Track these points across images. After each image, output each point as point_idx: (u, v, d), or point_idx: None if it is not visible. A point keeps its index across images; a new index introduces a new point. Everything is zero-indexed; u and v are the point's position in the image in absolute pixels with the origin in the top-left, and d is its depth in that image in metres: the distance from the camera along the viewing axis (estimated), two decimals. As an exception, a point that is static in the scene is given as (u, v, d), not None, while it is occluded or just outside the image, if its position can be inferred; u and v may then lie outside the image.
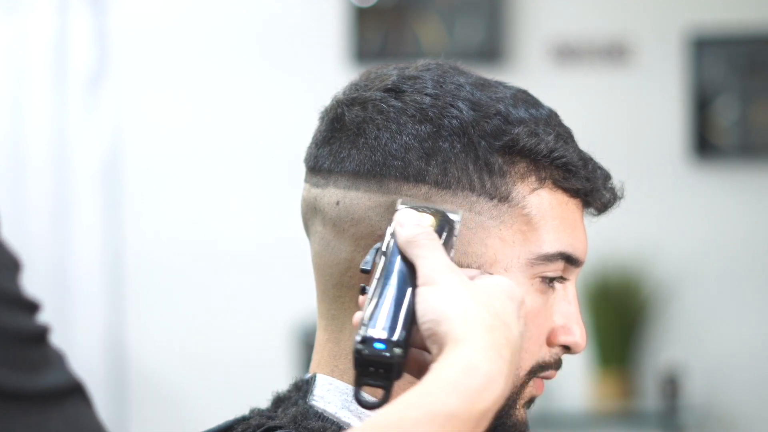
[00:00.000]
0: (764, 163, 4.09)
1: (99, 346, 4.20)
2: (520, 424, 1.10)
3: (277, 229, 4.13)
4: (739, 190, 4.08)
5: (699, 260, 4.08)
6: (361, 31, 4.17)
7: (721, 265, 4.08)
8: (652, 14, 4.14)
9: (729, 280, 4.07)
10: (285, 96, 4.20)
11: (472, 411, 0.90)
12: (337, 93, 1.15)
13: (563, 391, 3.98)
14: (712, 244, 4.08)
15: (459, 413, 0.90)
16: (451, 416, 0.89)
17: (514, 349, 0.95)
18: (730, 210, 4.08)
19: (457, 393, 0.90)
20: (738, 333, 4.06)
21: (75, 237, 4.20)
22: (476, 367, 0.92)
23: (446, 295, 0.96)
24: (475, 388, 0.91)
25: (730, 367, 4.07)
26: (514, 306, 0.98)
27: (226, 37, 4.26)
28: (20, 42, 4.21)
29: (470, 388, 0.91)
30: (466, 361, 0.92)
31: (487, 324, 0.94)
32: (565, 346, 1.11)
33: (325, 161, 1.12)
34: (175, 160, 4.26)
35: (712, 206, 4.08)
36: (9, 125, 4.21)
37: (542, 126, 1.10)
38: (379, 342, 0.95)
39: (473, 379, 0.91)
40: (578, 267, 1.12)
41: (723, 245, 4.07)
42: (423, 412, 0.89)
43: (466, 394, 0.91)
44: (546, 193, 1.09)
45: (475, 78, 1.12)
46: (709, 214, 4.08)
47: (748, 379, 4.06)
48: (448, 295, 0.96)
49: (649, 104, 4.12)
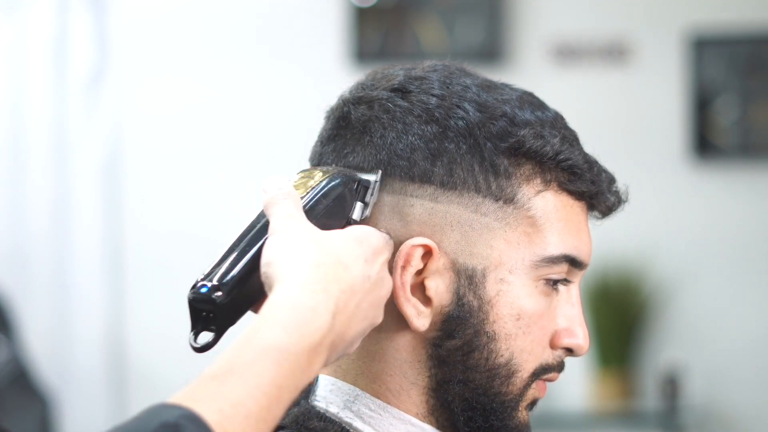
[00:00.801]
0: (764, 163, 4.08)
1: (99, 345, 4.19)
2: (522, 426, 1.11)
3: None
4: (739, 190, 4.08)
5: (699, 260, 4.08)
6: (361, 31, 4.17)
7: (721, 264, 4.07)
8: (652, 14, 4.13)
9: (729, 279, 4.07)
10: (285, 96, 4.19)
11: (302, 345, 0.92)
12: (344, 92, 1.15)
13: (563, 391, 3.98)
14: (712, 243, 4.08)
15: (290, 347, 0.91)
16: (282, 351, 0.91)
17: (348, 286, 0.97)
18: (730, 210, 4.08)
19: (283, 328, 0.92)
20: (738, 333, 4.06)
21: (75, 236, 4.20)
22: (299, 302, 0.93)
23: (280, 241, 0.99)
24: (300, 322, 0.93)
25: (730, 367, 4.06)
26: (362, 249, 1.00)
27: (225, 37, 4.26)
28: (20, 42, 4.21)
29: (296, 322, 0.92)
30: (289, 296, 0.94)
31: (315, 261, 0.96)
32: (567, 348, 1.12)
33: (329, 157, 1.12)
34: (175, 160, 4.26)
35: (712, 206, 4.08)
36: (9, 125, 4.21)
37: (548, 128, 1.10)
38: (204, 287, 0.99)
39: (297, 313, 0.93)
40: (582, 270, 1.12)
41: (723, 245, 4.07)
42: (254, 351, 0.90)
43: (293, 328, 0.92)
44: (551, 196, 1.10)
45: (482, 79, 1.12)
46: (709, 214, 4.08)
47: (748, 379, 4.06)
48: (282, 240, 0.98)
49: (649, 104, 4.12)
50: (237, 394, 0.88)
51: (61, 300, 4.18)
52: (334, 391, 1.11)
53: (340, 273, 0.97)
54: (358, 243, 1.00)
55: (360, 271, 0.98)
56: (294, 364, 0.91)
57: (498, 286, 1.08)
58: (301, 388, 0.93)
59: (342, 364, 1.11)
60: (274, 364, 0.90)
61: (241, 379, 0.89)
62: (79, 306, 4.19)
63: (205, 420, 0.86)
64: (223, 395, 0.88)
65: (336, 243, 0.99)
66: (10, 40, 4.21)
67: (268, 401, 0.89)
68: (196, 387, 0.89)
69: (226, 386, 0.88)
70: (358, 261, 0.99)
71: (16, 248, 4.20)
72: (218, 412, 0.87)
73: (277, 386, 0.90)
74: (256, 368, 0.89)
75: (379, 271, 1.01)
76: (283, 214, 1.01)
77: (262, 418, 0.89)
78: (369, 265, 1.00)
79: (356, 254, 0.99)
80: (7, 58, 4.22)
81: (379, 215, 1.09)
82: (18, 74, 4.21)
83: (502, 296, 1.08)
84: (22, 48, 4.21)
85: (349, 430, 1.09)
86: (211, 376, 0.89)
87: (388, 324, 1.08)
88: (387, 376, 1.10)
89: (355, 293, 0.97)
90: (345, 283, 0.97)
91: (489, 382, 1.08)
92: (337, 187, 1.06)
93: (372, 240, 1.02)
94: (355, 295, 0.97)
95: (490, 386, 1.09)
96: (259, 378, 0.89)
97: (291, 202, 1.02)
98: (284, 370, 0.91)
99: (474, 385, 1.08)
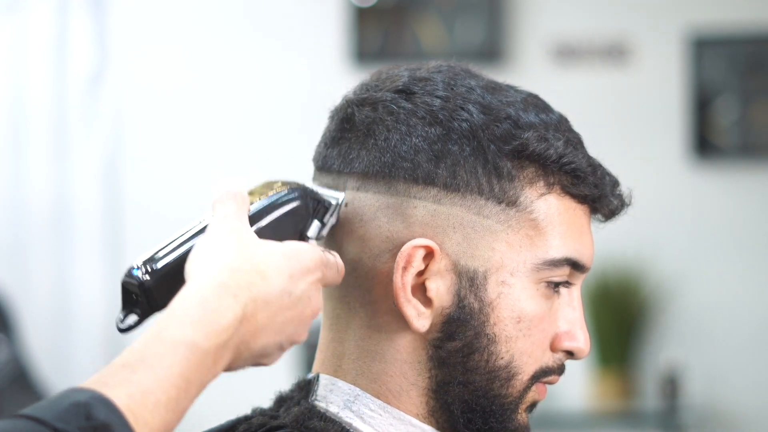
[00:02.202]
0: (764, 163, 4.09)
1: (99, 344, 4.20)
2: (521, 428, 1.11)
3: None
4: (739, 190, 4.08)
5: (699, 260, 4.08)
6: (361, 31, 4.17)
7: (721, 264, 4.08)
8: (652, 14, 4.13)
9: (729, 279, 4.07)
10: (285, 96, 4.20)
11: (208, 343, 0.93)
12: (348, 93, 1.15)
13: (563, 391, 3.98)
14: (712, 243, 4.08)
15: (199, 343, 0.93)
16: (191, 346, 0.92)
17: (261, 297, 0.97)
18: (729, 210, 4.08)
19: (192, 324, 0.93)
20: (738, 332, 4.06)
21: (75, 236, 4.20)
22: (206, 300, 0.94)
23: (207, 239, 0.99)
24: (208, 321, 0.94)
25: (730, 367, 4.07)
26: (288, 264, 1.00)
27: (225, 37, 4.26)
28: (20, 42, 4.21)
29: (203, 320, 0.93)
30: (197, 294, 0.95)
31: (232, 265, 0.97)
32: (568, 351, 1.12)
33: (335, 162, 1.12)
34: (174, 159, 4.26)
35: (712, 206, 4.08)
36: (9, 125, 4.21)
37: (552, 131, 1.10)
38: (136, 269, 1.01)
39: (204, 311, 0.94)
40: (584, 273, 1.12)
41: (723, 245, 4.07)
42: (165, 344, 0.92)
43: (200, 326, 0.93)
44: (554, 199, 1.10)
45: (486, 81, 1.12)
46: (709, 214, 4.08)
47: (748, 379, 4.06)
48: (207, 240, 0.99)
49: (649, 104, 4.12)
50: (147, 383, 0.90)
51: (61, 299, 4.19)
52: (335, 391, 1.11)
53: (256, 281, 0.97)
54: (286, 258, 0.99)
55: (279, 285, 0.98)
56: (201, 360, 0.93)
57: (499, 289, 1.08)
58: (207, 383, 0.95)
59: (342, 364, 1.11)
60: (183, 359, 0.92)
61: (151, 369, 0.90)
62: (80, 305, 4.20)
63: (115, 403, 0.88)
64: (133, 382, 0.90)
65: (261, 252, 0.99)
66: (10, 40, 4.21)
67: (177, 393, 0.91)
68: (107, 373, 0.91)
69: (136, 374, 0.90)
70: (280, 275, 0.98)
71: (16, 247, 4.20)
72: (128, 397, 0.89)
73: (185, 379, 0.92)
74: (166, 361, 0.91)
75: (305, 290, 1.01)
76: (220, 214, 1.01)
77: (170, 408, 0.91)
78: (292, 281, 0.99)
79: (280, 268, 0.99)
80: (7, 58, 4.22)
81: (381, 217, 1.09)
82: (18, 74, 4.22)
83: (503, 299, 1.08)
84: (22, 48, 4.21)
85: (350, 430, 1.09)
86: (122, 364, 0.91)
87: (388, 325, 1.09)
88: (387, 377, 1.10)
89: (268, 304, 0.97)
90: (258, 292, 0.97)
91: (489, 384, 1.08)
92: (292, 201, 1.06)
93: (303, 257, 1.01)
94: (269, 306, 0.97)
95: (489, 388, 1.08)
96: (169, 370, 0.91)
97: (234, 203, 1.02)
98: (192, 364, 0.92)
99: (474, 387, 1.08)
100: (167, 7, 4.29)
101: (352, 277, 1.10)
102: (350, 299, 1.11)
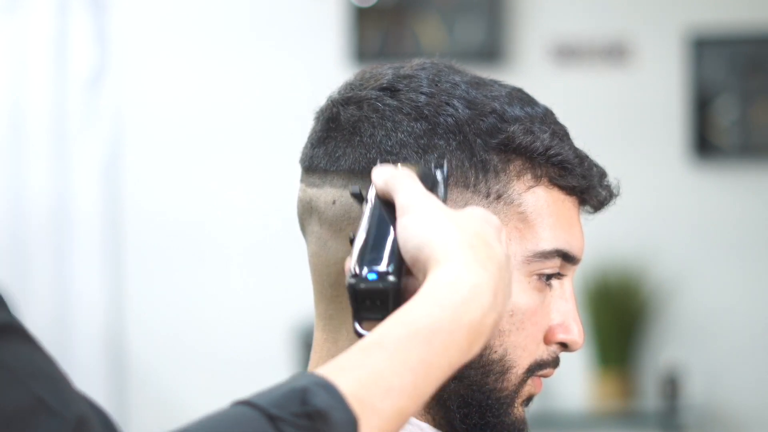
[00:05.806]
0: (764, 163, 4.08)
1: (99, 342, 4.20)
2: (518, 422, 1.10)
3: (276, 228, 4.13)
4: (739, 190, 4.08)
5: (699, 260, 4.08)
6: (361, 31, 4.17)
7: (721, 264, 4.07)
8: (652, 14, 4.13)
9: (729, 279, 4.07)
10: (285, 96, 4.20)
11: (458, 322, 0.89)
12: (332, 93, 1.14)
13: (563, 391, 3.98)
14: (712, 243, 4.08)
15: (443, 325, 0.89)
16: (435, 329, 0.88)
17: (501, 265, 0.94)
18: (729, 210, 4.08)
19: (440, 306, 0.89)
20: (738, 332, 4.06)
21: (75, 236, 4.21)
22: (460, 279, 0.91)
23: (423, 221, 0.95)
24: (459, 300, 0.90)
25: (730, 367, 4.06)
26: (492, 229, 0.97)
27: (225, 37, 4.26)
28: (20, 42, 4.21)
29: (454, 300, 0.90)
30: (450, 276, 0.91)
31: (467, 242, 0.93)
32: (562, 343, 1.11)
33: (321, 161, 1.11)
34: (174, 158, 4.26)
35: (711, 206, 4.08)
36: (9, 124, 4.22)
37: (538, 124, 1.09)
38: (372, 273, 0.95)
39: (457, 290, 0.90)
40: (575, 264, 1.12)
41: (723, 245, 4.07)
42: (405, 328, 0.88)
43: (449, 305, 0.89)
44: (542, 191, 1.09)
45: (471, 77, 1.12)
46: (709, 214, 4.08)
47: (748, 379, 4.06)
48: (425, 220, 0.95)
49: (649, 104, 4.12)
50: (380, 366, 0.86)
51: (61, 297, 4.19)
52: (331, 391, 1.10)
53: (490, 252, 0.94)
54: (488, 223, 0.97)
55: (501, 250, 0.96)
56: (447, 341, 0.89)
57: None
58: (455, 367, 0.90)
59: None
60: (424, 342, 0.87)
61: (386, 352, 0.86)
62: (80, 303, 4.20)
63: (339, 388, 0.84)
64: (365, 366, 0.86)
65: (474, 225, 0.96)
66: (10, 40, 4.21)
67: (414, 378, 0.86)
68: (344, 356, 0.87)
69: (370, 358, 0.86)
70: (497, 242, 0.96)
71: (16, 246, 4.20)
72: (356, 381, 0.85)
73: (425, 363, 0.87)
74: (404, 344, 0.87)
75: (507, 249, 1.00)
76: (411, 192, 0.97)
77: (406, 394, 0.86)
78: (502, 244, 0.97)
79: (492, 235, 0.96)
80: (7, 58, 4.22)
81: None
82: (18, 74, 4.22)
83: None
84: (22, 48, 4.22)
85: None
86: (360, 347, 0.87)
87: (384, 320, 1.08)
88: (383, 374, 1.09)
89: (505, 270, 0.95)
90: (499, 262, 0.94)
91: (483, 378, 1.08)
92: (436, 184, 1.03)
93: (493, 220, 0.99)
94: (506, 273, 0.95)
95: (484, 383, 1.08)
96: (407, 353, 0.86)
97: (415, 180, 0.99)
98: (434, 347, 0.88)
99: (469, 381, 1.08)
100: (167, 8, 4.29)
101: (344, 276, 1.08)
102: (342, 299, 1.09)
